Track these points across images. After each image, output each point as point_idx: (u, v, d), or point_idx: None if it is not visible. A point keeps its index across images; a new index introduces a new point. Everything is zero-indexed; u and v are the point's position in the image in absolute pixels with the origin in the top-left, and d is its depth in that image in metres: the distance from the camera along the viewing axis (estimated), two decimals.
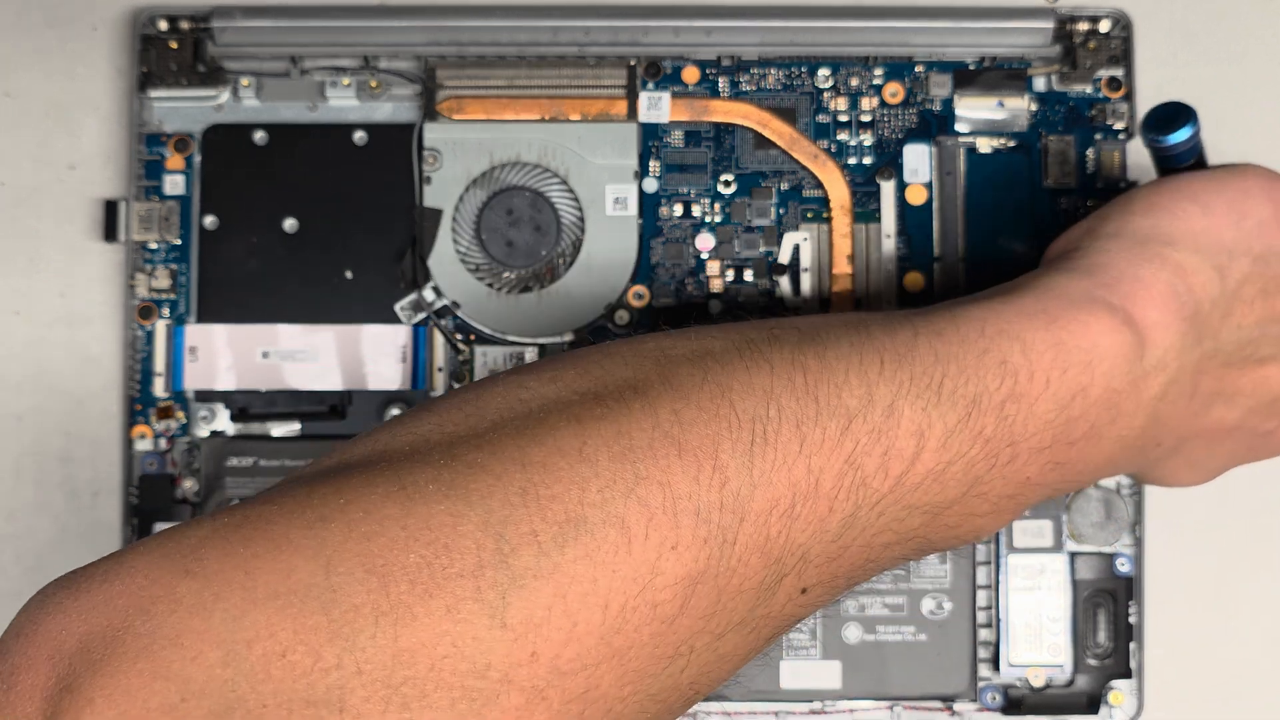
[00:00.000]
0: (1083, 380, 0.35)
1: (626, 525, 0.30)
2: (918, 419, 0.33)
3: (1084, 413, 0.35)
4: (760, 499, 0.32)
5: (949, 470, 0.34)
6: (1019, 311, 0.36)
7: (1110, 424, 0.36)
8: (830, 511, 0.33)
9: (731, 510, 0.31)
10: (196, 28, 0.48)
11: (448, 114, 0.48)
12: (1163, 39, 0.49)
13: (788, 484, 0.32)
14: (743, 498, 0.31)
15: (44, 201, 0.49)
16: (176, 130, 0.48)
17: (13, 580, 0.48)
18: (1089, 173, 0.48)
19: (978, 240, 0.48)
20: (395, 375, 0.47)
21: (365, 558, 0.29)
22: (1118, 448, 0.37)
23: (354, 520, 0.29)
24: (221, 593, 0.28)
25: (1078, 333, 0.35)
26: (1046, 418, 0.35)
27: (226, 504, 0.47)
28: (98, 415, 0.48)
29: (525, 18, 0.47)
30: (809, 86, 0.49)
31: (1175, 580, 0.48)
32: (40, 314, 0.49)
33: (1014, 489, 0.35)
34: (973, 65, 0.48)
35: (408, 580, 0.28)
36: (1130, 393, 0.36)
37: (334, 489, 0.30)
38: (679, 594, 0.31)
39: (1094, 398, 0.35)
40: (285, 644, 0.27)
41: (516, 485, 0.30)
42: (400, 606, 0.28)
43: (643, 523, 0.30)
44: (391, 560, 0.29)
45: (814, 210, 0.48)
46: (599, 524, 0.30)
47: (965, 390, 0.34)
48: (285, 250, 0.48)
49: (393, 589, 0.28)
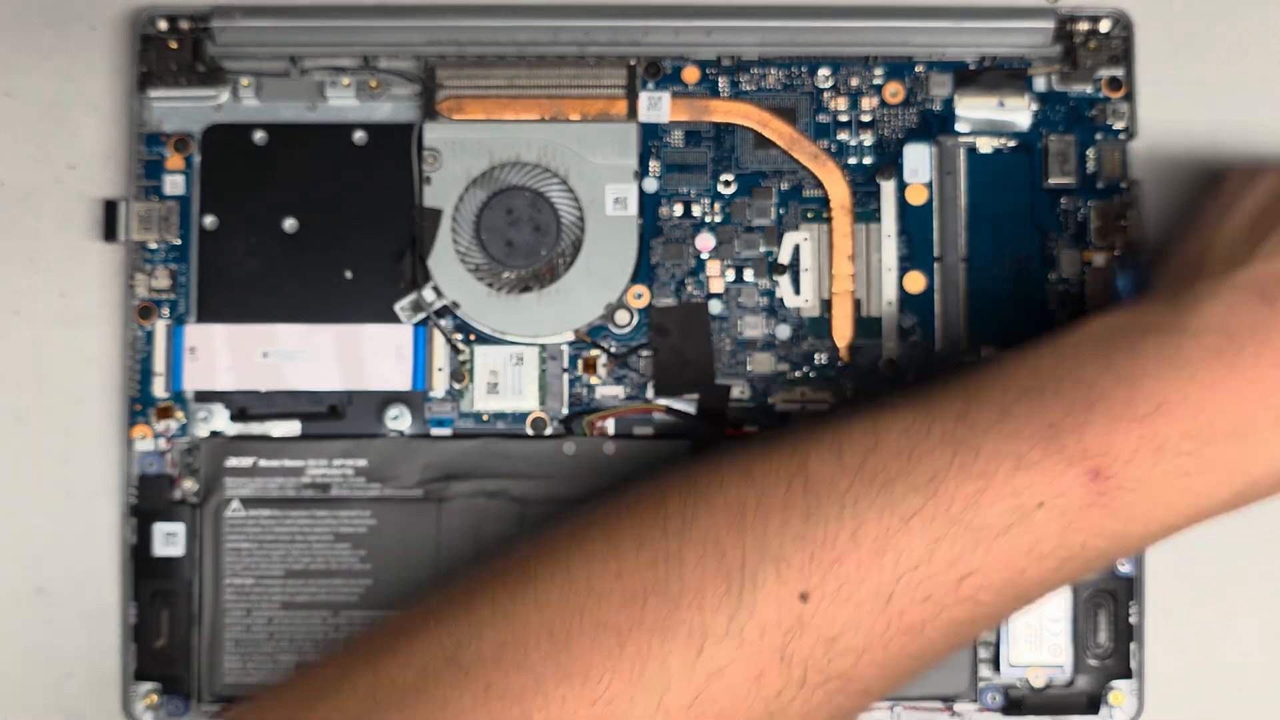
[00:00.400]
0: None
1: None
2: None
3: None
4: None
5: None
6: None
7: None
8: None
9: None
10: (196, 27, 0.48)
11: (447, 114, 0.48)
12: (1163, 39, 0.49)
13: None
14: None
15: (43, 201, 0.49)
16: (176, 130, 0.48)
17: (12, 580, 0.48)
18: (1090, 172, 0.48)
19: (978, 240, 0.48)
20: (395, 375, 0.47)
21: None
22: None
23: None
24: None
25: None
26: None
27: (225, 504, 0.47)
28: (97, 415, 0.48)
29: (525, 17, 0.47)
30: (809, 86, 0.49)
31: (1176, 580, 0.48)
32: (40, 314, 0.49)
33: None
34: (973, 65, 0.48)
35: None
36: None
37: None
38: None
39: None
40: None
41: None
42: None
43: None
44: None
45: (814, 210, 0.48)
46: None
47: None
48: (285, 250, 0.48)
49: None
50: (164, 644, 0.47)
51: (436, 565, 0.47)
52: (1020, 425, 0.35)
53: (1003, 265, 0.48)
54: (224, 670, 0.47)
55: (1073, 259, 0.48)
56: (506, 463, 0.47)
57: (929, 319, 0.48)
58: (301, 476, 0.47)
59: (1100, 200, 0.48)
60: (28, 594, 0.48)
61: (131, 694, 0.47)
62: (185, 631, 0.47)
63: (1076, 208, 0.48)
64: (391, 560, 0.47)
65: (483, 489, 0.47)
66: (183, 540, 0.47)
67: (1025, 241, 0.48)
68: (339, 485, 0.47)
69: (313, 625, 0.47)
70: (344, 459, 0.47)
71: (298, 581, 0.47)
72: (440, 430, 0.47)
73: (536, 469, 0.47)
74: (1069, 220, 0.48)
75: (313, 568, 0.47)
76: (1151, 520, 0.35)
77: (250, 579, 0.47)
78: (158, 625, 0.47)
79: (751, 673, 0.33)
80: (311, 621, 0.47)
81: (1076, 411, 0.34)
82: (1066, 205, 0.48)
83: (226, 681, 0.47)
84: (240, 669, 0.47)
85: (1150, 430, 0.34)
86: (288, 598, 0.47)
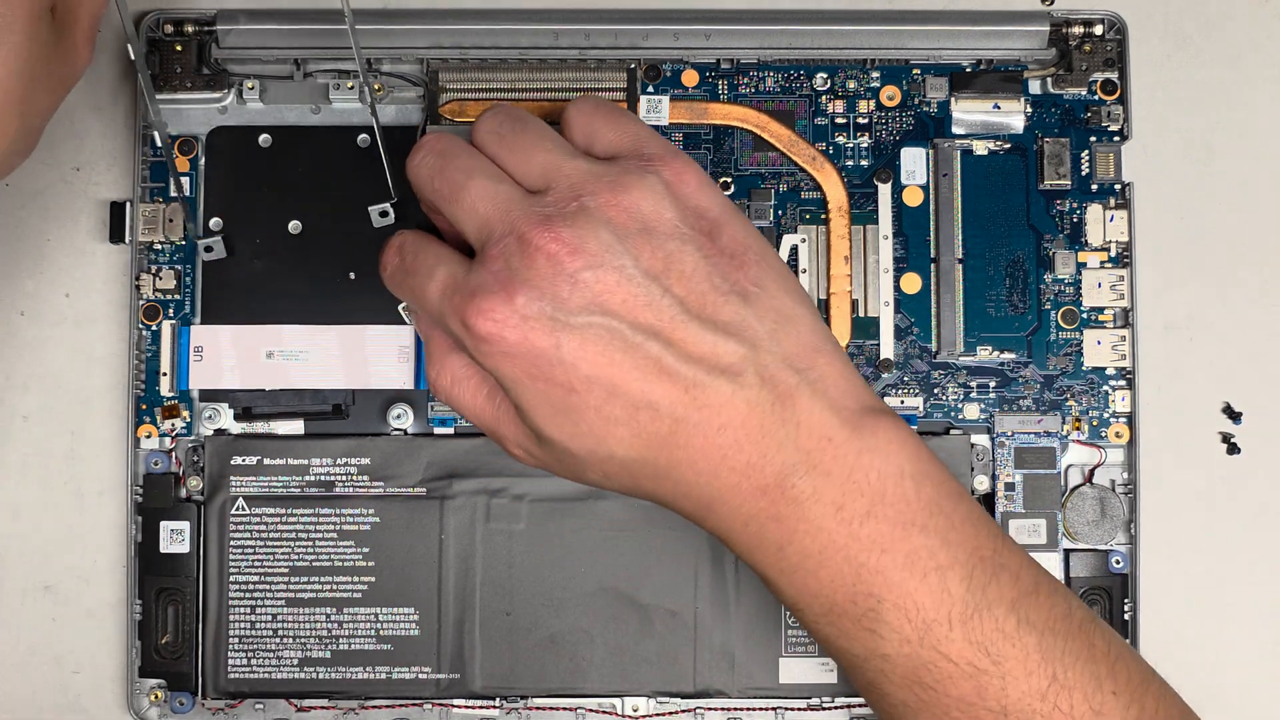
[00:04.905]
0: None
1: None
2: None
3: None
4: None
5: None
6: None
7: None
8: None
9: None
10: (201, 31, 0.48)
11: (451, 116, 0.48)
12: (1157, 42, 0.50)
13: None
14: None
15: (50, 203, 0.49)
16: (181, 133, 0.49)
17: (19, 577, 0.48)
18: (1084, 174, 0.49)
19: (974, 241, 0.48)
20: (398, 375, 0.48)
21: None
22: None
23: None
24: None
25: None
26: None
27: (230, 502, 0.47)
28: (103, 415, 0.49)
29: (527, 21, 0.48)
30: (807, 89, 0.49)
31: (1170, 577, 0.48)
32: (46, 314, 0.49)
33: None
34: (969, 68, 0.49)
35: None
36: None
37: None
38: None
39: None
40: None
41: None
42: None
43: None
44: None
45: (812, 212, 0.49)
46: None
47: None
48: (289, 251, 0.48)
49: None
50: (169, 640, 0.47)
51: (439, 563, 0.47)
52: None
53: (998, 266, 0.48)
54: (228, 667, 0.47)
55: (1067, 260, 0.48)
56: (508, 461, 0.47)
57: (925, 319, 0.48)
58: (305, 475, 0.47)
59: (1095, 202, 0.48)
60: (34, 591, 0.48)
61: (136, 690, 0.47)
62: (190, 628, 0.47)
63: (1071, 209, 0.48)
64: (394, 558, 0.47)
65: (485, 487, 0.47)
66: (188, 538, 0.47)
67: (1020, 243, 0.48)
68: (342, 483, 0.47)
69: (316, 622, 0.47)
70: (347, 457, 0.47)
71: (301, 579, 0.47)
72: (443, 429, 0.48)
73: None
74: (1064, 222, 0.48)
75: (316, 565, 0.47)
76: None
77: (254, 576, 0.47)
78: (163, 622, 0.47)
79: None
80: (315, 618, 0.47)
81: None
82: (1061, 207, 0.48)
83: (231, 678, 0.47)
84: (244, 665, 0.47)
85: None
86: (291, 595, 0.47)
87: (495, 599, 0.47)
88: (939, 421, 0.48)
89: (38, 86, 0.39)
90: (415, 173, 0.41)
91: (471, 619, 0.47)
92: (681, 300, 0.37)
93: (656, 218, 0.38)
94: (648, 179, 0.38)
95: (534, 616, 0.47)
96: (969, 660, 0.36)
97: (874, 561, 0.37)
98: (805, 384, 0.37)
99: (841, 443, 0.37)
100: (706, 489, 0.38)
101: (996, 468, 0.48)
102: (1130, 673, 0.38)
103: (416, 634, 0.47)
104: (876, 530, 0.37)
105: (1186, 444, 0.49)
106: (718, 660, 0.47)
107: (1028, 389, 0.48)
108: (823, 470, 0.37)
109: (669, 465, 0.38)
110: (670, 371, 0.37)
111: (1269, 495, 0.49)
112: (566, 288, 0.37)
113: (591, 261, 0.37)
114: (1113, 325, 0.48)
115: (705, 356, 0.37)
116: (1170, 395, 0.49)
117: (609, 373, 0.37)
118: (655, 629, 0.47)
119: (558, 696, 0.47)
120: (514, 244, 0.37)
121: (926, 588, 0.36)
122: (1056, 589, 0.38)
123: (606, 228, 0.37)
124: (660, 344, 0.37)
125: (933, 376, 0.48)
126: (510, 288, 0.37)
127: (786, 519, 0.37)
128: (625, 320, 0.37)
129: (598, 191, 0.38)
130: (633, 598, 0.47)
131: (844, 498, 0.37)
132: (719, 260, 0.38)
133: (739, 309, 0.38)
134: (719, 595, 0.47)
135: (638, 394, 0.37)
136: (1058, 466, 0.48)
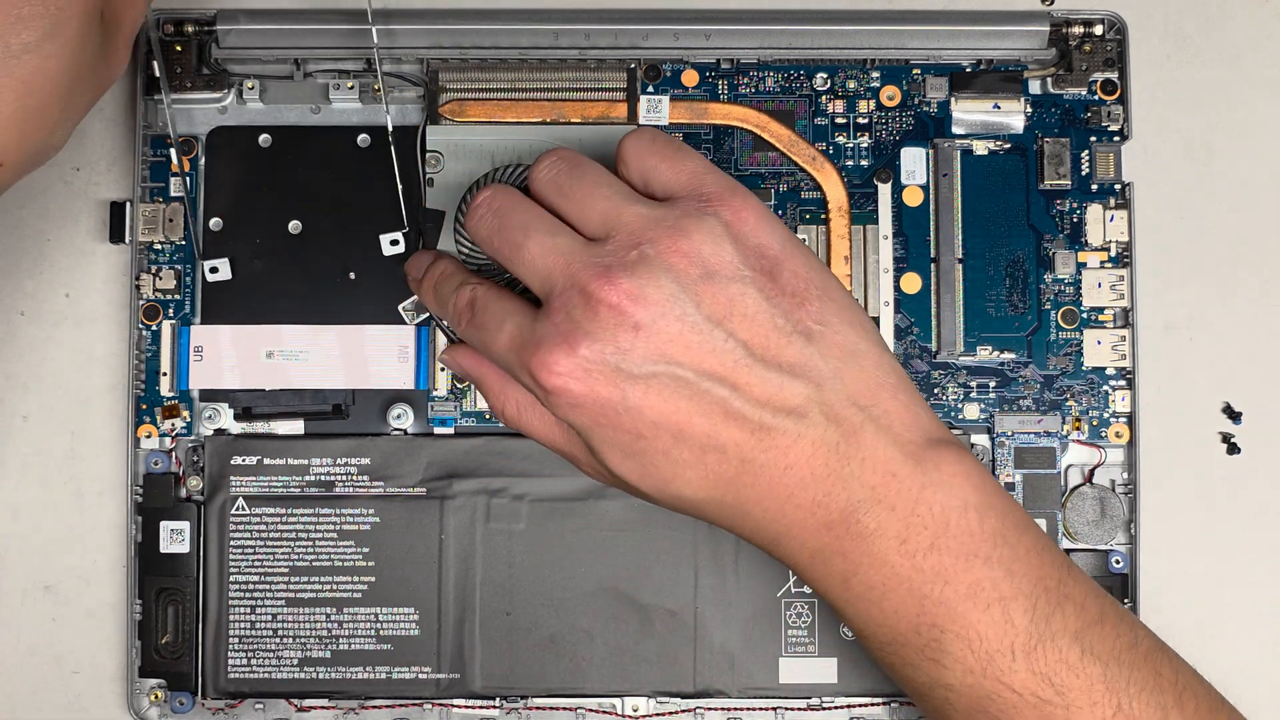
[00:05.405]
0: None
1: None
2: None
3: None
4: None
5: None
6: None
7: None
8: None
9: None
10: (201, 31, 0.48)
11: (450, 116, 0.48)
12: (1157, 42, 0.50)
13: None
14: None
15: (50, 203, 0.49)
16: (181, 133, 0.49)
17: (19, 577, 0.48)
18: (1084, 174, 0.49)
19: (974, 241, 0.48)
20: (398, 375, 0.48)
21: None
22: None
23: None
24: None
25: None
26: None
27: (230, 502, 0.47)
28: (103, 414, 0.49)
29: (527, 21, 0.48)
30: (807, 89, 0.49)
31: (1170, 577, 0.48)
32: (46, 314, 0.49)
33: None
34: (969, 68, 0.49)
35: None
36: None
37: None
38: None
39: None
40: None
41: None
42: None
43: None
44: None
45: (812, 211, 0.49)
46: None
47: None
48: (289, 251, 0.48)
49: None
50: (169, 640, 0.47)
51: (439, 563, 0.47)
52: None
53: (998, 266, 0.48)
54: (228, 667, 0.47)
55: (1067, 260, 0.48)
56: (508, 461, 0.47)
57: (925, 319, 0.48)
58: (305, 475, 0.47)
59: (1095, 202, 0.48)
60: (35, 590, 0.48)
61: (136, 690, 0.47)
62: (190, 628, 0.47)
63: (1071, 209, 0.48)
64: (394, 558, 0.47)
65: (485, 487, 0.47)
66: (188, 538, 0.47)
67: (1020, 243, 0.48)
68: (342, 483, 0.47)
69: (316, 622, 0.47)
70: (347, 457, 0.47)
71: (301, 579, 0.47)
72: (443, 429, 0.48)
73: (538, 467, 0.47)
74: (1064, 222, 0.48)
75: (316, 565, 0.47)
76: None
77: (254, 576, 0.47)
78: (163, 622, 0.47)
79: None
80: (315, 618, 0.47)
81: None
82: (1061, 207, 0.48)
83: (230, 678, 0.47)
84: (244, 665, 0.47)
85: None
86: (291, 595, 0.47)
87: (495, 599, 0.47)
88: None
89: (81, 85, 0.40)
90: (474, 233, 0.41)
91: (471, 619, 0.47)
92: (746, 344, 0.37)
93: (717, 261, 0.38)
94: (707, 222, 0.38)
95: (534, 616, 0.47)
96: (1033, 691, 0.37)
97: (937, 593, 0.37)
98: (869, 420, 0.38)
99: (905, 477, 0.37)
100: (774, 525, 0.38)
101: (997, 468, 0.48)
102: (1199, 702, 0.38)
103: (416, 634, 0.47)
104: (940, 562, 0.37)
105: (1186, 444, 0.49)
106: (718, 660, 0.47)
107: (1028, 389, 0.48)
108: (887, 505, 0.37)
109: (736, 504, 0.38)
110: (736, 415, 0.37)
111: (1269, 495, 0.49)
112: (629, 338, 0.37)
113: (654, 311, 0.37)
114: (1113, 325, 0.48)
115: (771, 399, 0.37)
116: (1170, 395, 0.49)
117: (675, 419, 0.37)
118: (655, 629, 0.47)
119: (558, 696, 0.47)
120: (576, 296, 0.38)
121: (989, 619, 0.37)
122: (1123, 618, 0.38)
123: (668, 275, 0.37)
124: (726, 388, 0.37)
125: (933, 376, 0.48)
126: (573, 340, 0.37)
127: (851, 553, 0.37)
128: (690, 367, 0.37)
129: (657, 239, 0.38)
130: (633, 598, 0.47)
131: (908, 531, 0.37)
132: (781, 300, 0.38)
133: (802, 349, 0.38)
134: (719, 595, 0.47)
135: (704, 438, 0.37)
136: (1058, 466, 0.48)
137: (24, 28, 0.37)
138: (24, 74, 0.37)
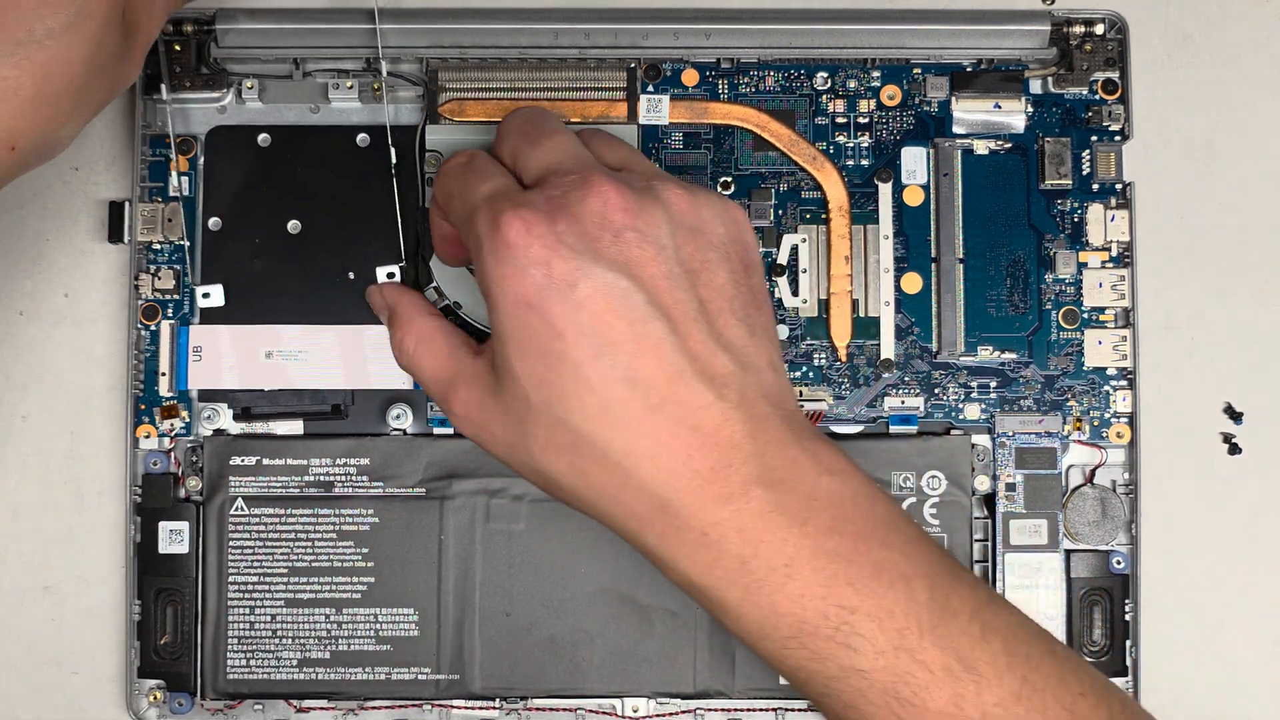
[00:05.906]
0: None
1: None
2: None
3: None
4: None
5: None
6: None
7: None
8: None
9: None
10: (200, 30, 0.48)
11: (450, 116, 0.48)
12: (1158, 42, 0.50)
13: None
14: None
15: (49, 203, 0.49)
16: (180, 132, 0.49)
17: (17, 577, 0.48)
18: (1085, 174, 0.48)
19: (975, 241, 0.48)
20: (397, 375, 0.48)
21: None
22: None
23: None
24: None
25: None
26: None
27: (229, 503, 0.47)
28: (103, 415, 0.49)
29: (527, 21, 0.48)
30: (807, 89, 0.49)
31: (1171, 578, 0.48)
32: (45, 314, 0.49)
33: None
34: (969, 68, 0.49)
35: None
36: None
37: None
38: None
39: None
40: None
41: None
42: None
43: None
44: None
45: (812, 211, 0.49)
46: None
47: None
48: (288, 251, 0.48)
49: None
50: (168, 641, 0.47)
51: (439, 563, 0.47)
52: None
53: (999, 266, 0.48)
54: (227, 667, 0.47)
55: (1068, 260, 0.48)
56: None
57: (926, 319, 0.48)
58: (305, 475, 0.47)
59: (1095, 201, 0.48)
60: (33, 591, 0.48)
61: (135, 691, 0.47)
62: (189, 629, 0.47)
63: (1072, 209, 0.48)
64: (394, 558, 0.47)
65: (485, 487, 0.47)
66: (187, 538, 0.47)
67: (1021, 242, 0.48)
68: (342, 484, 0.47)
69: (316, 623, 0.47)
70: (347, 458, 0.47)
71: (301, 579, 0.47)
72: (442, 429, 0.48)
73: None
74: (1064, 221, 0.48)
75: (316, 565, 0.47)
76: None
77: (254, 577, 0.47)
78: (162, 622, 0.47)
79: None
80: (314, 619, 0.47)
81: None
82: (1062, 207, 0.48)
83: (230, 679, 0.47)
84: (243, 666, 0.47)
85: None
86: (291, 595, 0.47)
87: (495, 599, 0.47)
88: (940, 422, 0.48)
89: (96, 82, 0.40)
90: (507, 122, 0.42)
91: (471, 619, 0.47)
92: (702, 302, 0.38)
93: (710, 228, 0.39)
94: (719, 200, 0.40)
95: (534, 617, 0.47)
96: (943, 666, 0.36)
97: (844, 572, 0.37)
98: (778, 414, 0.38)
99: (805, 465, 0.38)
100: (662, 488, 0.37)
101: (997, 468, 0.48)
102: (1092, 676, 0.38)
103: (416, 634, 0.47)
104: (842, 543, 0.37)
105: (1187, 444, 0.49)
106: (718, 660, 0.47)
107: (1028, 389, 0.48)
108: (787, 486, 0.37)
109: (623, 452, 0.37)
110: (664, 356, 0.37)
111: (1270, 495, 0.49)
112: (608, 237, 0.38)
113: (639, 226, 0.38)
114: (1113, 325, 0.48)
115: (701, 357, 0.38)
116: (1171, 395, 0.49)
117: (608, 331, 0.37)
118: (655, 629, 0.47)
119: (557, 697, 0.47)
120: (576, 180, 0.39)
121: (895, 595, 0.37)
122: (1008, 603, 0.39)
123: (664, 212, 0.39)
124: (666, 327, 0.37)
125: (933, 377, 0.48)
126: (555, 213, 0.38)
127: (751, 530, 0.37)
128: (646, 291, 0.37)
129: (670, 186, 0.40)
130: (633, 598, 0.47)
131: (809, 513, 0.37)
132: (744, 291, 0.40)
133: (744, 337, 0.39)
134: None
135: (624, 363, 0.37)
136: (1059, 467, 0.48)
137: (49, 13, 0.37)
138: (44, 59, 0.38)
